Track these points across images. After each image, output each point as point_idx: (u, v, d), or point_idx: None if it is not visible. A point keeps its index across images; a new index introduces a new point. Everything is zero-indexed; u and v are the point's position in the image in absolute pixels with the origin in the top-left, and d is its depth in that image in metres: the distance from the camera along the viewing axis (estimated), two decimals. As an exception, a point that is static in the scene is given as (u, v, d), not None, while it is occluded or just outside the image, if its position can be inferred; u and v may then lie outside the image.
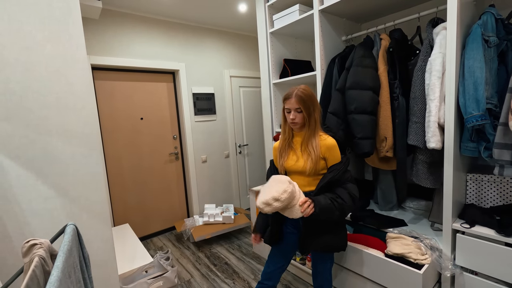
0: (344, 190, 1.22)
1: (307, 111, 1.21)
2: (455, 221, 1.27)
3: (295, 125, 1.25)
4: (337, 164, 1.24)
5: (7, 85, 1.07)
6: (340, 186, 1.23)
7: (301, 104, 1.20)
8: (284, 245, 1.37)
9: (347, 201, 1.19)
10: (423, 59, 1.30)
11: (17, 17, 1.08)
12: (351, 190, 1.22)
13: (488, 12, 1.15)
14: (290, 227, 1.36)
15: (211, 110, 3.22)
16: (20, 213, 1.12)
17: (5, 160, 1.08)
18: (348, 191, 1.21)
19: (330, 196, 1.19)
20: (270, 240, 1.35)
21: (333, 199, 1.18)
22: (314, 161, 1.22)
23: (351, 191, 1.22)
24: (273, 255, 1.39)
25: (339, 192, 1.21)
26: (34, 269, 0.60)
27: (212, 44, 3.20)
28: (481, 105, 1.10)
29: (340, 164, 1.24)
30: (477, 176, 1.33)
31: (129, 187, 2.81)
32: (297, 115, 1.22)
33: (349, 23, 1.86)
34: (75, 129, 1.23)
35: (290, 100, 1.22)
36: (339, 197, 1.19)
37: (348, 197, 1.20)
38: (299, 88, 1.23)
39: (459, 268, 1.26)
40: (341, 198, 1.19)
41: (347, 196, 1.20)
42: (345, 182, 1.23)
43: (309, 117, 1.22)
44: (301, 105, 1.20)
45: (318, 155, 1.22)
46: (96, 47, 2.44)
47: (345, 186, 1.23)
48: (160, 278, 1.93)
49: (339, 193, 1.21)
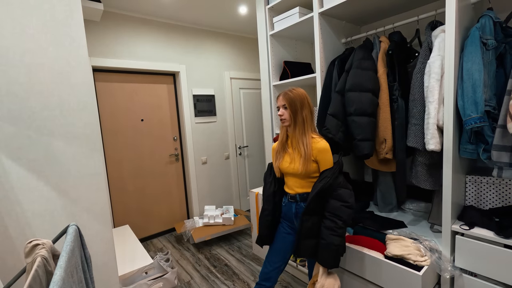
0: (337, 201, 1.21)
1: (292, 108, 1.26)
2: (454, 223, 1.27)
3: (283, 122, 1.30)
4: (328, 170, 1.24)
5: (11, 86, 1.08)
6: (332, 195, 1.23)
7: (287, 101, 1.27)
8: (280, 245, 1.38)
9: (344, 216, 1.19)
10: (422, 62, 1.31)
11: (21, 20, 1.09)
12: (344, 198, 1.21)
13: (486, 15, 1.16)
14: (286, 227, 1.38)
15: (211, 112, 3.23)
16: (22, 214, 1.13)
17: (7, 161, 1.08)
18: (341, 202, 1.21)
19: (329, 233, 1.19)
20: (260, 241, 1.42)
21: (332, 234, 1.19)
22: (304, 159, 1.24)
23: (344, 199, 1.21)
24: (270, 255, 1.40)
25: (333, 209, 1.21)
26: (37, 269, 0.60)
27: (213, 46, 3.21)
28: (480, 107, 1.10)
29: (331, 170, 1.24)
30: (476, 178, 1.34)
31: (129, 188, 2.81)
32: (284, 112, 1.29)
33: (349, 25, 1.88)
34: (77, 130, 1.24)
35: (279, 98, 1.30)
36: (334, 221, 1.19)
37: (344, 210, 1.20)
38: (290, 88, 1.30)
39: (458, 269, 1.26)
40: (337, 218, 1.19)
41: (342, 211, 1.20)
42: (337, 189, 1.23)
43: (294, 114, 1.26)
44: (287, 102, 1.27)
45: (310, 154, 1.24)
46: (97, 49, 2.46)
47: (337, 195, 1.22)
48: (160, 280, 1.93)
49: (333, 211, 1.20)
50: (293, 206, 1.34)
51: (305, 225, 1.24)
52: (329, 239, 1.19)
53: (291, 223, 1.37)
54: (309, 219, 1.24)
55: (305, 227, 1.24)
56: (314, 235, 1.25)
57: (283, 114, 1.28)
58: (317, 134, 1.32)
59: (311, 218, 1.24)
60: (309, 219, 1.24)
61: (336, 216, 1.20)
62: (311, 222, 1.24)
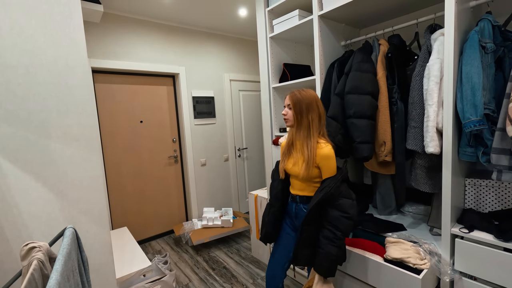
0: (337, 212, 1.18)
1: (296, 109, 1.24)
2: (453, 226, 1.27)
3: (286, 121, 1.29)
4: (330, 179, 1.21)
5: (9, 87, 1.07)
6: (333, 205, 1.20)
7: (292, 101, 1.25)
8: (283, 243, 1.40)
9: (343, 227, 1.17)
10: (421, 65, 1.31)
11: (19, 21, 1.09)
12: (344, 208, 1.18)
13: (485, 19, 1.17)
14: (288, 227, 1.39)
15: (211, 114, 3.23)
16: (18, 216, 1.12)
17: (4, 162, 1.08)
18: (341, 213, 1.18)
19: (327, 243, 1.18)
20: (265, 239, 1.42)
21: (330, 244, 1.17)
22: (307, 164, 1.21)
23: (345, 209, 1.18)
24: (274, 252, 1.42)
25: (333, 220, 1.18)
26: (33, 272, 0.60)
27: (212, 48, 3.22)
28: (479, 110, 1.11)
29: (333, 179, 1.21)
30: (475, 181, 1.34)
31: (127, 190, 2.80)
32: (288, 112, 1.28)
33: (348, 28, 1.88)
34: (75, 132, 1.23)
35: (287, 97, 1.29)
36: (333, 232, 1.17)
37: (343, 221, 1.17)
38: (301, 89, 1.27)
39: (458, 273, 1.26)
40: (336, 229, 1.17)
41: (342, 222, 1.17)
42: (338, 198, 1.20)
43: (298, 116, 1.24)
44: (292, 102, 1.25)
45: (312, 159, 1.21)
46: (97, 50, 2.46)
47: (338, 205, 1.19)
48: (158, 282, 1.92)
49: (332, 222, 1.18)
50: (293, 207, 1.36)
51: (304, 235, 1.24)
52: (327, 248, 1.18)
53: (293, 222, 1.39)
54: (308, 229, 1.23)
55: (304, 237, 1.24)
56: (312, 244, 1.25)
57: (287, 113, 1.28)
58: (325, 139, 1.27)
59: (310, 228, 1.23)
60: (308, 229, 1.23)
61: (335, 227, 1.18)
62: (310, 231, 1.23)
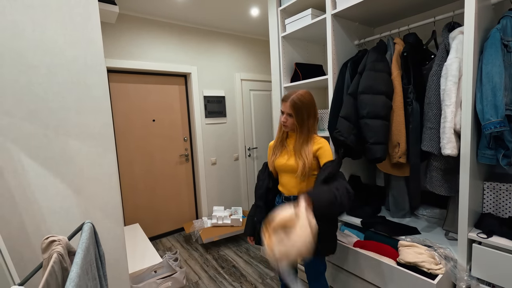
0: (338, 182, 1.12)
1: (298, 118, 1.21)
2: (471, 231, 1.23)
3: (286, 127, 1.27)
4: (331, 161, 1.19)
5: (31, 86, 1.12)
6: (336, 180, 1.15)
7: (294, 110, 1.20)
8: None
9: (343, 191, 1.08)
10: (439, 64, 1.28)
11: (41, 23, 1.13)
12: (345, 184, 1.13)
13: (508, 16, 1.12)
14: None
15: (222, 113, 3.25)
16: (38, 210, 1.16)
17: (26, 159, 1.12)
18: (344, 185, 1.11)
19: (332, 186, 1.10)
20: (259, 241, 1.38)
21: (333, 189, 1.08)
22: (305, 167, 1.20)
23: (345, 184, 1.12)
24: None
25: (336, 184, 1.11)
26: (53, 265, 0.62)
27: (224, 48, 3.24)
28: (500, 112, 1.07)
29: (333, 161, 1.19)
30: (494, 184, 1.29)
31: (140, 187, 2.86)
32: (288, 119, 1.23)
33: (362, 27, 1.85)
34: (92, 130, 1.27)
35: (286, 103, 1.22)
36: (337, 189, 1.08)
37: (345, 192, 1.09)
38: (298, 93, 1.21)
39: (475, 279, 1.22)
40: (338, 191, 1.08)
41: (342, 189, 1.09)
42: (338, 178, 1.16)
43: (300, 125, 1.21)
44: (293, 111, 1.20)
45: (310, 162, 1.20)
46: (112, 50, 2.52)
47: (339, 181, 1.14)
48: (169, 279, 1.95)
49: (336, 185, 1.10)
50: None
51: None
52: (332, 185, 1.09)
53: None
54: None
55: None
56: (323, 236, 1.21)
57: (287, 121, 1.23)
58: (317, 135, 1.28)
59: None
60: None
61: (337, 189, 1.09)
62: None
